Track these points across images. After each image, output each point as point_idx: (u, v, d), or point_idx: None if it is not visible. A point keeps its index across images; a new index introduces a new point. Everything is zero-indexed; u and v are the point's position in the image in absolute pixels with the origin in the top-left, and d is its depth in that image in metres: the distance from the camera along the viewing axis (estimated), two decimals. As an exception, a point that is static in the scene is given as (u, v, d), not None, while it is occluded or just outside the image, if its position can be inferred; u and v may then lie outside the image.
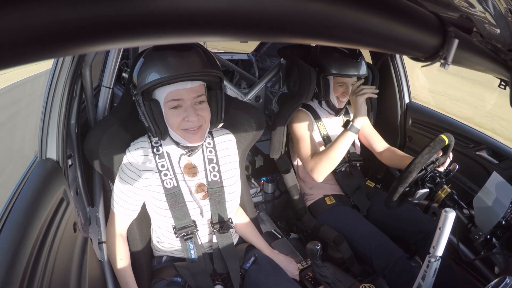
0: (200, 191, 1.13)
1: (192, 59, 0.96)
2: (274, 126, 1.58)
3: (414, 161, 1.13)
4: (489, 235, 1.09)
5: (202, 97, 1.02)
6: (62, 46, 0.27)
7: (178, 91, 0.97)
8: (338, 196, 1.61)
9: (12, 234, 0.73)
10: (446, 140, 1.17)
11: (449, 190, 1.20)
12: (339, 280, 1.25)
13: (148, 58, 0.98)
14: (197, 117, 0.99)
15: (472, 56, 0.67)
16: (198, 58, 0.97)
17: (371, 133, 1.69)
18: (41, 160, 1.03)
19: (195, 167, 1.13)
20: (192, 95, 0.99)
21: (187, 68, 0.94)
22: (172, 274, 1.13)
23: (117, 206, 1.12)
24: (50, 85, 1.04)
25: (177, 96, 0.98)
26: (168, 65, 0.93)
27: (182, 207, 1.09)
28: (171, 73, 0.93)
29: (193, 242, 1.11)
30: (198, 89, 1.00)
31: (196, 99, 1.00)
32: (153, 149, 1.10)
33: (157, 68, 0.94)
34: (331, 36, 0.42)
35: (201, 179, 1.14)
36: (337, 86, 1.52)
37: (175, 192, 1.08)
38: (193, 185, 1.12)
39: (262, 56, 2.94)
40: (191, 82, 0.98)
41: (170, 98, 0.98)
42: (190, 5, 0.29)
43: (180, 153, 1.10)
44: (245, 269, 1.18)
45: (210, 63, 0.99)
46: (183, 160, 1.12)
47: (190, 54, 0.96)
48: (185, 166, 1.12)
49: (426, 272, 0.88)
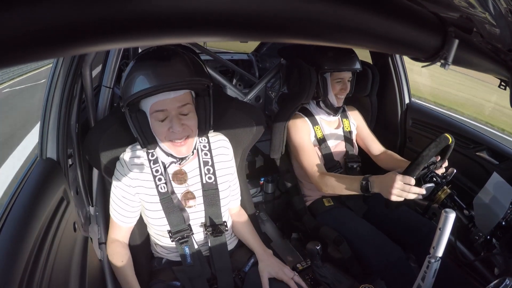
0: (185, 199, 1.11)
1: (175, 68, 0.93)
2: (274, 126, 1.58)
3: (422, 154, 1.13)
4: (489, 236, 1.09)
5: (188, 107, 0.99)
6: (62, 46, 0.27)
7: (161, 102, 0.95)
8: (336, 198, 1.60)
9: (12, 233, 0.73)
10: (450, 138, 1.17)
11: (449, 191, 1.20)
12: (339, 281, 1.25)
13: (131, 70, 0.96)
14: (181, 127, 0.97)
15: (472, 56, 0.67)
16: (181, 67, 0.94)
17: (368, 136, 1.69)
18: (41, 159, 1.03)
19: (184, 174, 1.12)
20: (176, 105, 0.97)
21: (169, 78, 0.92)
22: (171, 277, 1.13)
23: (116, 214, 1.11)
24: (50, 85, 1.05)
25: (161, 107, 0.96)
26: (149, 76, 0.92)
27: (176, 212, 1.08)
28: (152, 84, 0.91)
29: (188, 245, 1.11)
30: (183, 98, 0.97)
31: (180, 109, 0.98)
32: (148, 155, 1.09)
33: (139, 79, 0.93)
34: (331, 36, 0.42)
35: (188, 186, 1.12)
36: (334, 83, 1.54)
37: (168, 197, 1.08)
38: (179, 192, 1.11)
39: (262, 56, 2.94)
40: (174, 92, 0.96)
41: (155, 109, 0.96)
42: (190, 5, 0.29)
43: (170, 161, 1.09)
44: (245, 272, 1.17)
45: (195, 71, 0.96)
46: (172, 167, 1.11)
47: (172, 63, 0.94)
48: (174, 172, 1.11)
49: (426, 273, 0.88)
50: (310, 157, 1.49)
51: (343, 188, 1.35)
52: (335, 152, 1.61)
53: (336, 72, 1.52)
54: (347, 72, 1.54)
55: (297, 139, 1.54)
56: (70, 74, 1.04)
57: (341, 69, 1.52)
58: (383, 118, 1.96)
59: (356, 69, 1.54)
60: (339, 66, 1.51)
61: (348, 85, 1.55)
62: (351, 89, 1.60)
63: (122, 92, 0.98)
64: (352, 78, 1.59)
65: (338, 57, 1.51)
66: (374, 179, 1.23)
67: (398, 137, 1.95)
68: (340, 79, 1.54)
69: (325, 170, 1.49)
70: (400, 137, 1.95)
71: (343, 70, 1.52)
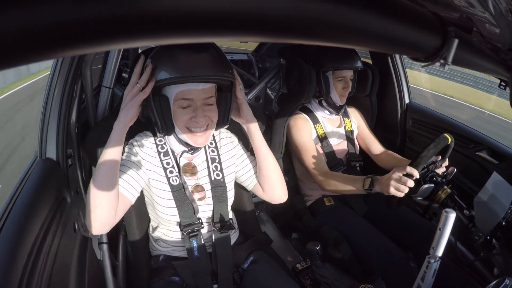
0: (196, 191, 1.12)
1: (207, 61, 0.95)
2: (274, 126, 1.58)
3: (421, 155, 1.14)
4: (489, 236, 1.09)
5: (212, 99, 1.02)
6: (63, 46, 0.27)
7: (189, 91, 0.97)
8: (337, 197, 1.60)
9: (12, 233, 0.73)
10: (449, 138, 1.18)
11: (449, 191, 1.20)
12: (339, 281, 1.25)
13: (161, 53, 0.96)
14: (204, 118, 0.99)
15: (472, 56, 0.67)
16: (211, 59, 0.96)
17: (369, 136, 1.70)
18: (41, 160, 1.03)
19: (194, 167, 1.13)
20: (203, 96, 0.99)
21: (201, 70, 0.94)
22: (170, 273, 1.13)
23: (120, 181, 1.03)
24: (50, 85, 1.05)
25: (188, 96, 0.98)
26: (182, 64, 0.93)
27: (188, 204, 1.09)
28: (185, 73, 0.93)
29: (197, 239, 1.11)
30: (209, 91, 1.00)
31: (206, 100, 1.00)
32: (158, 147, 1.09)
33: (169, 66, 0.93)
34: (331, 36, 0.42)
35: (198, 179, 1.14)
36: (336, 81, 1.54)
37: (181, 189, 1.09)
38: (190, 185, 1.12)
39: (262, 56, 2.94)
40: (203, 84, 0.98)
41: (181, 97, 0.98)
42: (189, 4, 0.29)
43: (182, 150, 1.10)
44: (243, 269, 1.18)
45: (223, 66, 0.98)
46: (183, 159, 1.12)
47: (204, 55, 0.95)
48: (184, 165, 1.12)
49: (426, 273, 0.88)
50: (312, 156, 1.50)
51: (346, 187, 1.36)
52: (337, 151, 1.61)
53: (338, 71, 1.53)
54: (349, 71, 1.55)
55: (298, 138, 1.54)
56: (70, 74, 1.05)
57: (342, 67, 1.52)
58: (383, 118, 1.96)
59: (358, 67, 1.55)
60: (340, 64, 1.52)
61: (350, 84, 1.56)
62: (353, 88, 1.60)
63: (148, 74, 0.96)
64: (354, 76, 1.59)
65: (340, 55, 1.52)
66: (377, 178, 1.26)
67: (398, 137, 1.95)
68: (342, 77, 1.54)
69: (327, 169, 1.49)
70: (400, 137, 1.95)
71: (345, 68, 1.53)
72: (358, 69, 1.58)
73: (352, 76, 1.57)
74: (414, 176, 1.12)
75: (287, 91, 1.76)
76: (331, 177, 1.42)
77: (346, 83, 1.55)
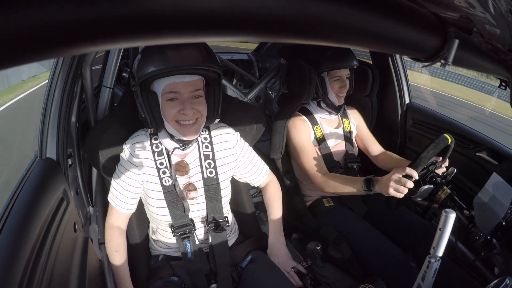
0: (187, 190, 1.12)
1: (191, 53, 0.97)
2: (274, 126, 1.58)
3: (420, 155, 1.13)
4: (489, 236, 1.09)
5: (199, 92, 1.02)
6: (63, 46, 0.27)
7: (175, 84, 0.98)
8: (336, 198, 1.60)
9: (12, 234, 0.73)
10: (449, 139, 1.18)
11: (449, 191, 1.20)
12: (339, 281, 1.25)
13: (148, 49, 0.98)
14: (192, 110, 1.00)
15: (472, 56, 0.67)
16: (197, 52, 0.98)
17: (368, 137, 1.69)
18: (41, 159, 1.03)
19: (187, 165, 1.13)
20: (190, 89, 0.99)
21: (186, 62, 0.95)
22: (169, 273, 1.13)
23: (115, 199, 1.11)
24: (50, 85, 1.04)
25: (174, 89, 0.98)
26: (167, 57, 0.94)
27: (179, 206, 1.09)
28: (169, 65, 0.94)
29: (190, 241, 1.11)
30: (196, 83, 1.00)
31: (193, 93, 1.00)
32: (152, 146, 1.09)
33: (155, 60, 0.95)
34: (331, 36, 0.42)
35: (190, 177, 1.13)
36: (332, 81, 1.53)
37: (172, 190, 1.09)
38: (181, 183, 1.12)
39: (262, 56, 2.94)
40: (189, 76, 0.99)
41: (168, 90, 0.99)
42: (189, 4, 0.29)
43: (173, 146, 1.09)
44: (242, 268, 1.18)
45: (209, 58, 0.99)
46: (175, 157, 1.12)
47: (189, 48, 0.97)
48: (176, 163, 1.12)
49: (426, 273, 0.88)
50: (311, 158, 1.49)
51: (345, 188, 1.35)
52: (334, 152, 1.60)
53: (333, 71, 1.52)
54: (345, 70, 1.54)
55: (296, 140, 1.54)
56: (70, 74, 1.04)
57: (337, 66, 1.51)
58: (383, 118, 1.96)
59: (353, 65, 1.54)
60: (335, 64, 1.51)
61: (347, 83, 1.54)
62: (351, 87, 1.59)
63: (136, 70, 0.99)
64: (351, 75, 1.58)
65: (334, 55, 1.51)
66: (376, 179, 1.26)
67: (398, 137, 1.95)
68: (338, 77, 1.53)
69: (326, 170, 1.48)
70: (400, 137, 1.95)
71: (340, 68, 1.52)
72: (354, 67, 1.56)
73: (348, 74, 1.55)
74: (414, 177, 1.12)
75: (287, 91, 1.76)
76: (331, 178, 1.41)
77: (342, 82, 1.53)
